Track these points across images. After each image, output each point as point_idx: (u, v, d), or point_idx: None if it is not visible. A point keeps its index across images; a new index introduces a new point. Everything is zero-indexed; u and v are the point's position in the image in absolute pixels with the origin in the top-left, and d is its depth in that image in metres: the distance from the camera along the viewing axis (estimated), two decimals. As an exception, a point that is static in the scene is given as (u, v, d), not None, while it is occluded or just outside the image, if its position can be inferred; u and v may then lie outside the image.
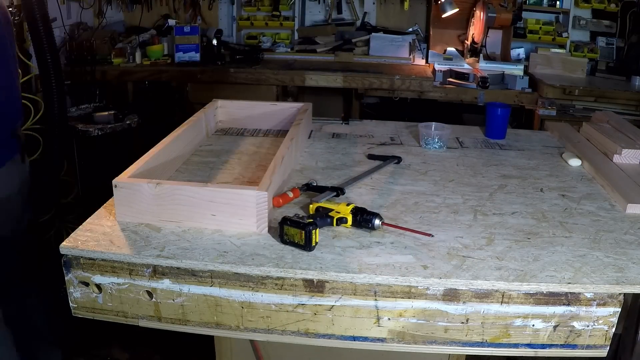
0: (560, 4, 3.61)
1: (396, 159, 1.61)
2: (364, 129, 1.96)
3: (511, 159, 1.70)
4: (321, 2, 3.78)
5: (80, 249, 1.09)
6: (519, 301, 1.04)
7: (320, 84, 3.18)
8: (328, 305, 1.05)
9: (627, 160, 1.63)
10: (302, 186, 1.35)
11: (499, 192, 1.44)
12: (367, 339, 1.08)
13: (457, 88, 3.22)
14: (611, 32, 3.57)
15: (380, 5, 3.79)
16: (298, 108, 1.83)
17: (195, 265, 1.06)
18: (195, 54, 3.26)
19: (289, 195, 1.25)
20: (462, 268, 1.06)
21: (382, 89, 3.19)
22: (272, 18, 3.73)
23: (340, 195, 1.33)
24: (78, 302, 1.12)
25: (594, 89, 3.14)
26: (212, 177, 1.46)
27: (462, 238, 1.18)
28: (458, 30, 3.70)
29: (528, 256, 1.12)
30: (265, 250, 1.10)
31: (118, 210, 1.19)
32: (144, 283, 1.08)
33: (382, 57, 3.50)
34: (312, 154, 1.68)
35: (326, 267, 1.05)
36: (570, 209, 1.35)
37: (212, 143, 1.73)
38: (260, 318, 1.08)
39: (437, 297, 1.04)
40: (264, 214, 1.16)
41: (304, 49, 3.61)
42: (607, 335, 1.06)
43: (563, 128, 1.98)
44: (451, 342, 1.07)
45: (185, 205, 1.16)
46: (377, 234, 1.18)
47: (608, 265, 1.09)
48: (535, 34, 3.58)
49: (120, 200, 1.18)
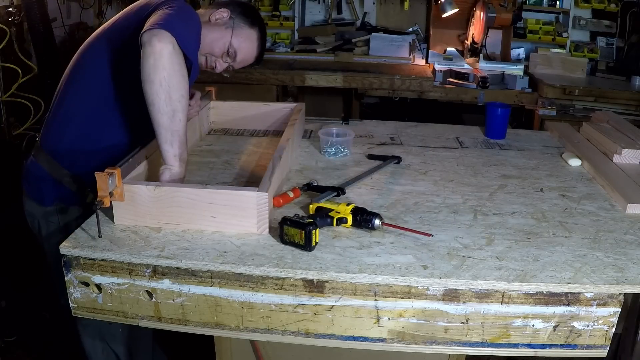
0: (560, 4, 3.61)
1: (396, 159, 1.61)
2: (364, 129, 1.96)
3: (511, 159, 1.70)
4: (321, 2, 3.78)
5: (80, 249, 1.09)
6: (519, 301, 1.04)
7: (320, 84, 3.18)
8: (328, 305, 1.05)
9: (627, 160, 1.63)
10: (302, 186, 1.34)
11: (499, 192, 1.44)
12: (367, 339, 1.08)
13: (457, 88, 3.22)
14: (611, 32, 3.57)
15: (380, 5, 3.79)
16: (292, 108, 1.84)
17: (195, 266, 1.06)
18: (195, 54, 3.26)
19: (290, 195, 1.25)
20: (462, 268, 1.06)
21: (382, 89, 3.19)
22: (272, 18, 3.73)
23: (340, 195, 1.33)
24: (78, 302, 1.12)
25: (594, 89, 3.14)
26: (212, 178, 1.46)
27: (462, 238, 1.18)
28: (458, 30, 3.70)
29: (528, 256, 1.12)
30: (265, 250, 1.10)
31: (117, 213, 1.18)
32: (144, 283, 1.08)
33: (382, 57, 3.50)
34: (312, 154, 1.68)
35: (326, 267, 1.05)
36: (570, 209, 1.35)
37: (212, 143, 1.73)
38: (260, 318, 1.08)
39: (437, 297, 1.04)
40: (265, 215, 1.16)
41: (304, 49, 3.61)
42: (607, 335, 1.06)
43: (563, 128, 1.98)
44: (451, 342, 1.07)
45: (184, 208, 1.15)
46: (377, 234, 1.18)
47: (608, 265, 1.09)
48: (535, 34, 3.58)
49: (118, 203, 1.17)
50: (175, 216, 1.16)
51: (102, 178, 1.10)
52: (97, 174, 1.10)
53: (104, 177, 1.10)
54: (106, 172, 1.11)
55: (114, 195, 1.14)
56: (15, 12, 2.67)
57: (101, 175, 1.10)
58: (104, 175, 1.10)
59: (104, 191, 1.11)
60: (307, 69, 3.21)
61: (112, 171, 1.12)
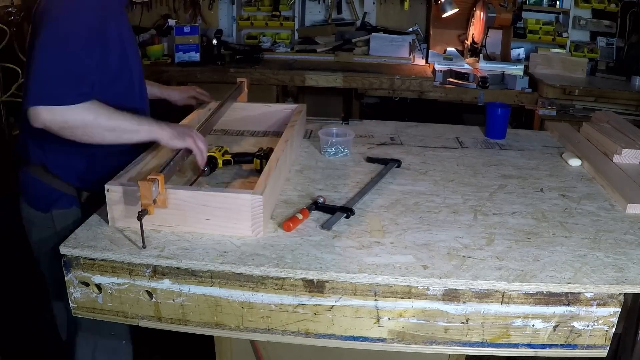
0: (560, 4, 3.60)
1: (396, 163, 1.59)
2: (364, 129, 1.96)
3: (511, 159, 1.70)
4: (321, 2, 3.78)
5: (80, 249, 1.09)
6: (519, 301, 1.04)
7: (320, 84, 3.18)
8: (328, 305, 1.05)
9: (627, 160, 1.63)
10: (310, 205, 1.29)
11: (499, 192, 1.44)
12: (367, 339, 1.08)
13: (457, 88, 3.21)
14: (611, 32, 3.57)
15: (380, 5, 3.78)
16: (292, 109, 1.83)
17: (195, 266, 1.06)
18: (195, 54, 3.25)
19: (299, 218, 1.22)
20: (462, 268, 1.06)
21: (382, 89, 3.19)
22: (272, 18, 3.73)
23: (350, 216, 1.27)
24: (78, 302, 1.12)
25: (594, 89, 3.14)
26: (211, 178, 1.46)
27: (462, 238, 1.18)
28: (458, 30, 3.69)
29: (528, 256, 1.12)
30: (265, 250, 1.10)
31: (110, 215, 1.17)
32: (144, 283, 1.08)
33: (382, 57, 3.50)
34: (312, 154, 1.68)
35: (326, 267, 1.05)
36: (570, 209, 1.35)
37: (211, 143, 1.73)
38: (260, 318, 1.08)
39: (437, 297, 1.04)
40: (259, 218, 1.14)
41: (304, 49, 3.60)
42: (607, 335, 1.06)
43: (563, 128, 1.99)
44: (451, 342, 1.07)
45: (179, 210, 1.14)
46: (377, 234, 1.18)
47: (608, 265, 1.09)
48: (535, 34, 3.57)
49: (113, 205, 1.16)
50: (170, 218, 1.15)
51: (146, 186, 1.05)
52: (140, 182, 1.06)
53: (147, 184, 1.05)
54: (149, 180, 1.06)
55: (157, 202, 1.10)
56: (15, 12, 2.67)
57: (145, 183, 1.05)
58: (148, 182, 1.05)
59: (147, 199, 1.06)
60: (307, 69, 3.21)
61: (155, 178, 1.08)
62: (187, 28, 3.27)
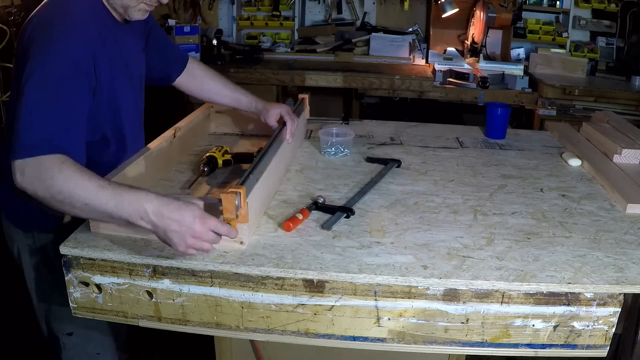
0: (560, 4, 3.61)
1: (396, 163, 1.59)
2: (363, 129, 1.96)
3: (511, 159, 1.70)
4: (321, 2, 3.78)
5: (80, 249, 1.09)
6: (519, 301, 1.04)
7: (320, 84, 3.18)
8: (328, 305, 1.05)
9: (627, 160, 1.63)
10: (310, 205, 1.29)
11: (499, 192, 1.44)
12: (367, 339, 1.08)
13: (457, 88, 3.22)
14: (611, 32, 3.57)
15: (380, 5, 3.79)
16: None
17: (195, 266, 1.06)
18: (195, 53, 3.26)
19: (299, 218, 1.21)
20: (462, 268, 1.06)
21: (382, 89, 3.19)
22: (272, 18, 3.73)
23: (350, 216, 1.26)
24: (78, 302, 1.12)
25: (594, 89, 3.14)
26: (211, 178, 1.46)
27: (462, 238, 1.18)
28: (458, 30, 3.70)
29: (528, 256, 1.12)
30: (265, 250, 1.10)
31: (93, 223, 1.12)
32: (144, 283, 1.08)
33: (382, 57, 3.50)
34: (312, 154, 1.68)
35: (326, 267, 1.05)
36: (570, 209, 1.35)
37: (211, 143, 1.73)
38: (260, 318, 1.08)
39: (437, 297, 1.04)
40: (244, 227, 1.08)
41: (304, 49, 3.61)
42: (607, 335, 1.06)
43: (563, 128, 1.99)
44: (451, 342, 1.07)
45: None
46: (377, 234, 1.18)
47: (608, 265, 1.09)
48: (535, 34, 3.57)
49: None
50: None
51: (229, 199, 0.97)
52: (222, 195, 0.98)
53: (230, 197, 0.97)
54: (231, 192, 0.98)
55: (238, 216, 1.02)
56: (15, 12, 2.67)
57: (227, 195, 0.97)
58: (231, 195, 0.97)
59: (230, 213, 0.98)
60: (307, 69, 3.21)
61: (237, 190, 1.00)
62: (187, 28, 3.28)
